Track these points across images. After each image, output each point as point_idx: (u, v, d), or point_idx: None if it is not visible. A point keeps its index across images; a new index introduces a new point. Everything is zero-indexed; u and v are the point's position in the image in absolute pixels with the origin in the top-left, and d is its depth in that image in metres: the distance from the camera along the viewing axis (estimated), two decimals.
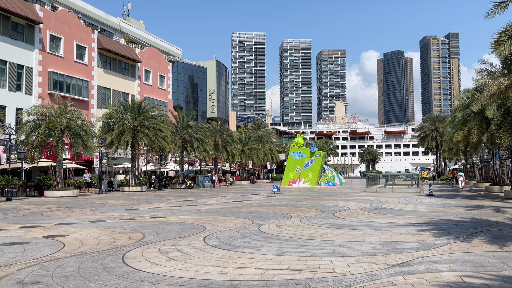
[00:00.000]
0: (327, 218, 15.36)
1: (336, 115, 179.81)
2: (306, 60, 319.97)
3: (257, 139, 64.67)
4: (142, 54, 59.72)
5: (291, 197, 28.67)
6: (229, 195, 31.97)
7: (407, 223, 13.50)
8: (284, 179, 49.46)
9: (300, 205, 21.46)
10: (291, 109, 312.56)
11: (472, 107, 22.87)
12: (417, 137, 79.69)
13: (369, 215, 16.18)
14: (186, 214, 17.94)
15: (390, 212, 17.34)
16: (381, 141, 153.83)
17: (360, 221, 14.30)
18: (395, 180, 48.12)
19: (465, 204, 20.49)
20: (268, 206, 21.25)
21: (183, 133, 46.63)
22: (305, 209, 18.97)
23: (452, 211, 17.42)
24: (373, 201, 23.53)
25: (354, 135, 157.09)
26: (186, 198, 29.05)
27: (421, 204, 21.24)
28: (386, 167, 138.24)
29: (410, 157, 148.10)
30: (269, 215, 16.70)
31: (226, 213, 17.79)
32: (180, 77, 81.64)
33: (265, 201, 25.16)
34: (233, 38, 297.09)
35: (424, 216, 15.67)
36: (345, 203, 22.03)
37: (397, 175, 54.53)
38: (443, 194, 29.01)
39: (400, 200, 23.63)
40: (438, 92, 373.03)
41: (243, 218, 15.95)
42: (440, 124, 70.61)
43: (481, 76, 25.20)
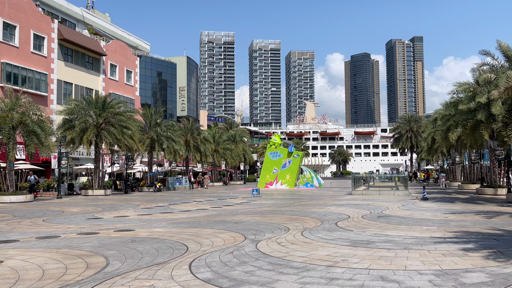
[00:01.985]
0: (332, 231, 12.78)
1: (307, 115, 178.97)
2: (275, 61, 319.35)
3: (230, 138, 61.78)
4: (107, 47, 55.75)
5: (275, 201, 26.04)
6: (204, 199, 29.01)
7: (435, 238, 11.08)
8: (260, 180, 46.84)
9: (291, 212, 18.83)
10: (261, 110, 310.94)
11: (479, 98, 20.98)
12: (391, 137, 78.88)
13: (379, 226, 13.73)
14: (159, 225, 14.97)
15: (399, 221, 14.96)
16: (351, 142, 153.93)
17: (375, 234, 11.80)
18: (375, 182, 46.43)
19: (474, 210, 18.41)
20: (254, 213, 18.51)
21: (151, 131, 43.23)
22: (300, 218, 16.35)
23: (468, 219, 15.21)
24: (368, 206, 21.21)
25: (325, 135, 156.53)
26: (157, 203, 25.91)
27: (424, 209, 19.04)
28: (356, 168, 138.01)
29: (379, 157, 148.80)
30: (261, 227, 13.98)
31: (208, 224, 14.93)
32: (149, 73, 77.52)
33: (247, 206, 22.41)
34: (202, 37, 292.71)
35: (444, 226, 13.35)
36: (339, 209, 19.57)
37: (381, 176, 52.92)
38: (436, 198, 27.10)
39: (398, 205, 21.41)
40: (403, 94, 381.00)
41: (231, 231, 13.15)
42: (415, 124, 69.91)
43: (478, 71, 23.38)
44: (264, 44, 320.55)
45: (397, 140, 72.08)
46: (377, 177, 50.41)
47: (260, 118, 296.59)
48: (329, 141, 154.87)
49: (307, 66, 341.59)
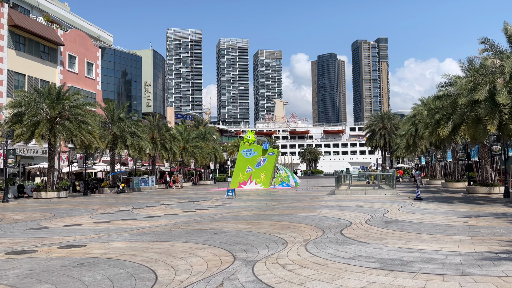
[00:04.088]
0: (344, 244, 10.02)
1: (276, 114, 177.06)
2: (243, 60, 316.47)
3: (200, 136, 58.36)
4: (65, 37, 51.25)
5: (254, 203, 23.15)
6: (174, 202, 25.77)
7: (484, 253, 8.52)
8: (233, 180, 43.82)
9: (278, 217, 15.99)
10: (229, 108, 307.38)
11: (477, 96, 18.81)
12: (364, 135, 77.59)
13: (396, 235, 11.10)
14: (119, 237, 11.82)
15: (415, 228, 12.40)
16: (320, 141, 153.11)
17: (402, 249, 9.14)
18: (352, 181, 44.47)
19: (487, 213, 16.15)
20: (236, 219, 15.57)
21: (114, 127, 39.42)
22: (293, 225, 13.53)
23: (493, 224, 12.84)
24: (362, 208, 18.67)
25: (294, 134, 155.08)
26: (119, 207, 22.51)
27: (429, 212, 16.64)
28: (325, 167, 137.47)
29: (348, 156, 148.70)
30: (250, 238, 11.07)
31: (181, 235, 11.89)
32: (112, 66, 72.74)
33: (224, 210, 19.42)
34: (169, 34, 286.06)
35: (476, 235, 10.86)
36: (333, 213, 16.91)
37: (362, 175, 51.00)
38: (429, 197, 24.93)
39: (395, 207, 18.98)
40: (368, 94, 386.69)
41: (213, 245, 10.18)
42: (389, 121, 68.69)
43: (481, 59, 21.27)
44: (232, 43, 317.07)
45: (370, 138, 70.62)
46: (357, 176, 48.45)
47: (228, 117, 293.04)
48: (298, 140, 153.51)
49: (275, 66, 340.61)
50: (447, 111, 26.57)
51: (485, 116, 18.90)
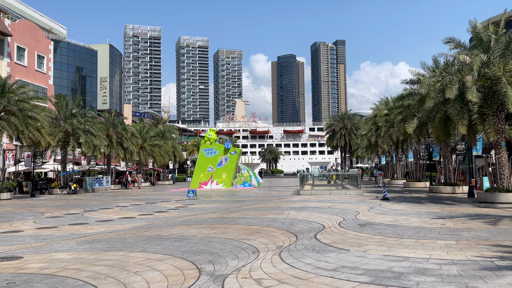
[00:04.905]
0: (322, 252, 8.99)
1: (237, 113, 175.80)
2: (203, 59, 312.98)
3: (159, 135, 56.19)
4: (13, 27, 47.84)
5: (217, 205, 21.86)
6: (129, 203, 24.04)
7: (479, 260, 7.71)
8: (194, 180, 42.21)
9: (245, 220, 14.80)
10: (188, 108, 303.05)
11: (448, 95, 18.43)
12: (324, 135, 77.88)
13: (376, 240, 10.21)
14: (64, 246, 10.27)
15: (393, 231, 11.58)
16: (280, 140, 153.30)
17: (388, 257, 8.21)
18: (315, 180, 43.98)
19: (461, 213, 15.68)
20: (199, 223, 14.26)
21: (66, 124, 36.87)
22: (262, 229, 12.40)
23: (471, 226, 12.24)
24: (331, 209, 17.83)
25: (255, 134, 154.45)
26: (69, 210, 20.60)
27: (400, 213, 15.99)
28: (285, 166, 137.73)
29: (308, 156, 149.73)
30: (216, 246, 9.83)
31: (137, 243, 10.48)
32: (65, 60, 68.87)
33: (185, 212, 18.04)
34: (127, 31, 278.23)
35: (459, 239, 10.14)
36: (302, 215, 15.93)
37: (324, 174, 50.61)
38: (396, 197, 24.50)
39: (365, 208, 18.27)
40: (327, 95, 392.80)
41: (174, 256, 8.88)
42: (349, 121, 69.13)
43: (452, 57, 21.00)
44: (192, 41, 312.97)
45: (330, 138, 70.82)
46: (319, 175, 48.06)
47: (188, 116, 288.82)
48: (259, 140, 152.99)
49: (235, 65, 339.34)
50: (412, 110, 26.40)
51: (455, 116, 18.55)
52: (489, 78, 18.65)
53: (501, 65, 17.72)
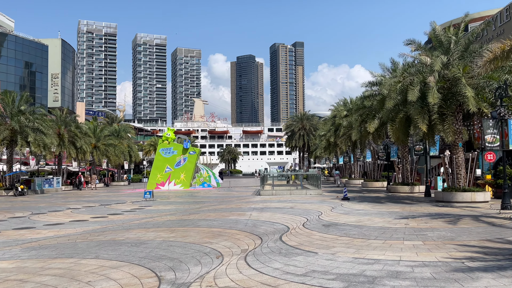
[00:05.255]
0: (289, 255, 8.56)
1: (195, 113, 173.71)
2: (161, 57, 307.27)
3: (114, 134, 54.15)
4: None
5: (176, 206, 21.05)
6: (82, 205, 22.75)
7: (450, 261, 7.54)
8: (150, 181, 40.88)
9: (206, 222, 14.18)
10: (145, 107, 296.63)
11: (410, 96, 18.58)
12: (283, 136, 78.20)
13: (343, 241, 9.91)
14: (6, 254, 9.32)
15: (359, 232, 11.35)
16: (239, 141, 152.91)
17: (358, 260, 7.90)
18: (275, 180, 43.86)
19: (422, 213, 15.77)
20: (157, 226, 13.50)
21: (12, 121, 34.66)
22: (225, 232, 11.84)
23: (434, 225, 12.24)
24: (293, 210, 17.52)
25: (213, 134, 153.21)
26: (14, 213, 19.14)
27: (363, 213, 15.90)
28: (244, 167, 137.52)
29: (266, 156, 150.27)
30: (176, 251, 9.19)
31: (90, 248, 9.66)
32: (12, 54, 64.96)
33: (143, 215, 17.16)
34: (80, 26, 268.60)
35: (425, 239, 10.03)
36: (265, 216, 15.49)
37: (284, 174, 50.52)
38: (355, 197, 24.57)
39: (326, 208, 18.09)
40: (285, 96, 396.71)
41: (131, 262, 8.17)
42: (308, 122, 69.71)
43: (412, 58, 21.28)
44: (149, 39, 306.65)
45: (289, 138, 71.15)
46: (278, 175, 47.95)
47: (145, 115, 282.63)
48: (218, 140, 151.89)
49: (194, 64, 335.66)
50: (372, 111, 26.70)
51: (416, 115, 18.76)
52: (448, 79, 19.01)
53: (460, 66, 18.09)
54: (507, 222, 12.61)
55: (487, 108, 17.90)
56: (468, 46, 19.90)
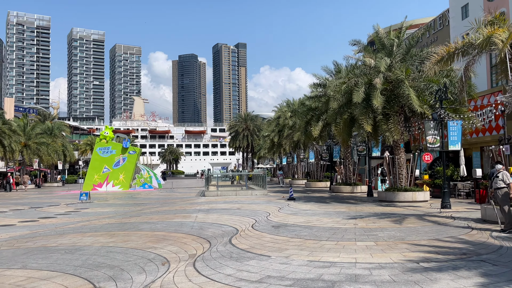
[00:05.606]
0: (242, 260, 8.05)
1: (135, 111, 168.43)
2: (99, 53, 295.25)
3: (46, 132, 50.80)
4: None
5: (115, 208, 19.83)
6: (9, 208, 20.83)
7: (405, 263, 7.39)
8: (87, 182, 38.66)
9: (149, 225, 13.32)
10: (81, 104, 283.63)
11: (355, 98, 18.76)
12: (227, 136, 77.69)
13: (292, 243, 9.58)
14: None
15: (310, 233, 11.09)
16: (181, 141, 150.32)
17: (313, 264, 7.57)
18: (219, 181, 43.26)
19: (368, 213, 15.89)
20: (94, 230, 12.46)
21: None
22: (170, 235, 11.10)
23: (381, 225, 12.27)
24: (240, 211, 17.06)
25: (154, 133, 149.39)
26: None
27: (311, 213, 15.75)
28: (186, 167, 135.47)
29: (209, 156, 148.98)
30: (117, 258, 8.38)
31: (16, 257, 8.58)
32: None
33: (78, 218, 15.91)
34: (10, 18, 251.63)
35: (376, 239, 9.95)
36: (211, 217, 14.89)
37: (227, 175, 49.84)
38: (300, 197, 24.53)
39: (274, 208, 17.80)
40: (228, 97, 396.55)
41: (65, 272, 7.29)
42: (252, 122, 69.70)
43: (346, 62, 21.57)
44: (86, 34, 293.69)
45: (233, 139, 70.74)
46: (223, 176, 47.33)
47: (81, 113, 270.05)
48: (159, 140, 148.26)
49: (134, 62, 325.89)
50: (316, 112, 26.91)
51: (360, 116, 18.99)
52: (391, 81, 19.42)
53: (403, 68, 18.55)
54: (450, 221, 12.93)
55: (428, 110, 18.47)
56: (409, 49, 20.50)
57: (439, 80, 18.85)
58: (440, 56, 12.81)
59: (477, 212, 15.03)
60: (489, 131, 25.26)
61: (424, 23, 44.98)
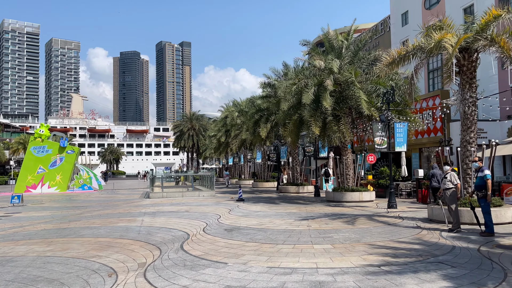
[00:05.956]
0: (198, 268, 7.53)
1: (73, 109, 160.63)
2: (33, 47, 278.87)
3: None
4: None
5: (51, 212, 18.41)
6: None
7: (366, 268, 7.21)
8: (19, 183, 35.93)
9: (90, 231, 12.37)
10: (13, 101, 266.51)
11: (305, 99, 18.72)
12: (172, 135, 76.09)
13: (249, 248, 9.18)
14: None
15: (262, 237, 10.74)
16: (122, 140, 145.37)
17: (274, 270, 7.20)
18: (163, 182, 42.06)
19: (318, 213, 15.81)
20: (28, 237, 11.34)
21: None
22: (115, 242, 10.31)
23: (335, 226, 12.19)
24: (189, 213, 16.42)
25: (94, 132, 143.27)
26: None
27: (262, 215, 15.44)
28: (127, 168, 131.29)
29: (152, 157, 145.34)
30: (56, 270, 7.55)
31: None
32: None
33: (8, 223, 14.52)
34: None
35: (332, 241, 9.79)
36: (159, 221, 14.14)
37: (171, 176, 48.44)
38: (249, 198, 24.19)
39: (223, 210, 17.31)
40: (172, 96, 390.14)
41: None
42: (197, 122, 68.63)
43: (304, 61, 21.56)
44: (19, 26, 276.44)
45: (178, 138, 69.20)
46: (167, 176, 46.03)
47: (12, 110, 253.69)
48: (98, 139, 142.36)
49: (72, 57, 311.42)
50: (264, 113, 26.75)
51: (310, 118, 18.99)
52: (340, 83, 19.60)
53: (352, 70, 18.75)
54: (399, 221, 13.12)
55: (375, 112, 18.81)
56: (357, 52, 20.83)
57: (385, 83, 19.26)
58: (392, 58, 12.97)
59: (422, 211, 15.48)
60: (427, 133, 26.36)
61: (366, 28, 46.38)
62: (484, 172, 10.16)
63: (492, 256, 7.87)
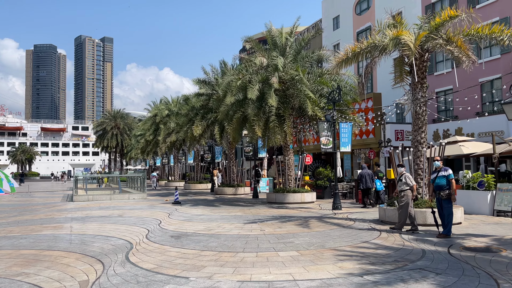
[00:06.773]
0: (155, 285, 6.32)
1: None
2: None
3: None
4: None
5: None
6: None
7: (349, 277, 6.51)
8: None
9: (9, 241, 10.46)
10: None
11: (250, 94, 17.93)
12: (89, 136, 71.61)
13: (208, 258, 8.13)
14: None
15: (217, 244, 9.71)
16: (36, 139, 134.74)
17: (246, 285, 6.25)
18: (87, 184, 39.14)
19: (266, 216, 15.02)
20: None
21: None
22: (43, 254, 8.67)
23: (291, 230, 11.47)
24: (124, 218, 14.85)
25: (3, 130, 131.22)
26: None
27: (206, 219, 14.34)
28: (42, 168, 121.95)
29: (70, 157, 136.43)
30: None
31: None
32: None
33: None
34: None
35: (297, 248, 9.03)
36: (91, 228, 12.49)
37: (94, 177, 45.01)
38: (185, 200, 22.81)
39: (162, 214, 15.93)
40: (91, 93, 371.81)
41: None
42: (122, 121, 65.15)
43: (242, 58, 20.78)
44: None
45: (101, 138, 65.05)
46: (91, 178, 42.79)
47: None
48: (8, 137, 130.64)
49: None
50: (201, 111, 25.58)
51: (253, 116, 18.22)
52: (284, 81, 19.06)
53: (298, 68, 18.27)
54: (352, 223, 12.75)
55: (319, 112, 18.51)
56: (300, 50, 20.48)
57: (328, 82, 19.06)
58: (345, 55, 12.58)
59: (368, 213, 15.33)
60: (359, 135, 26.88)
61: (298, 31, 46.90)
62: (448, 171, 10.02)
63: (468, 260, 7.57)
